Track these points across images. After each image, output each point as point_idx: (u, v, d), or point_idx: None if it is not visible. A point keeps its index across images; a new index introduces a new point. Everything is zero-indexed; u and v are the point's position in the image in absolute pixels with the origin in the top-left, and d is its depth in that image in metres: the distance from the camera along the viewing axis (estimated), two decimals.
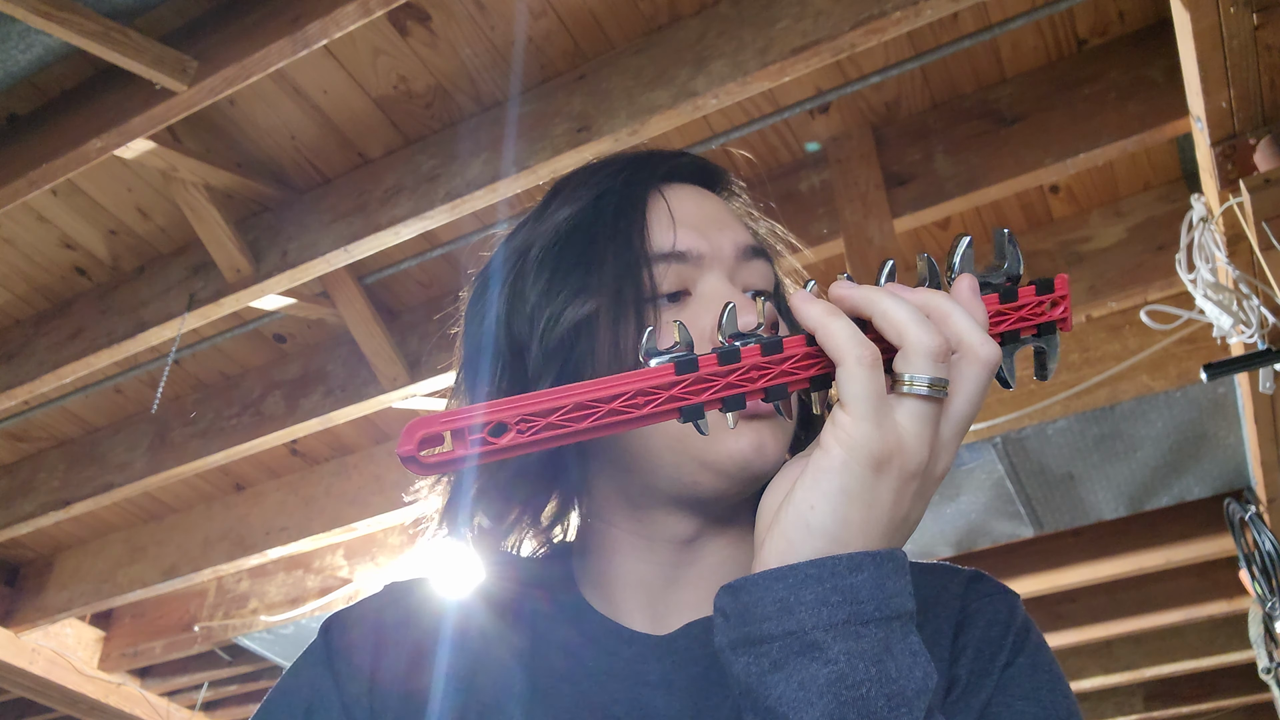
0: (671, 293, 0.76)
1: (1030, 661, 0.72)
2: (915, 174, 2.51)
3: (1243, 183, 1.96)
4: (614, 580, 0.79)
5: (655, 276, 0.75)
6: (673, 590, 0.77)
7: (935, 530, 3.40)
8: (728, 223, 0.81)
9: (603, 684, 0.73)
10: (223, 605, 3.96)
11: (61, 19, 2.00)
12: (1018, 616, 0.75)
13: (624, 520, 0.79)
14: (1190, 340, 2.72)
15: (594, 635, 0.76)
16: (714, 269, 0.77)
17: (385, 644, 0.77)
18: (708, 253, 0.77)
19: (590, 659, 0.75)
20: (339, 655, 0.77)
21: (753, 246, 0.80)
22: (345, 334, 3.01)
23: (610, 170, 0.82)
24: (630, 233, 0.77)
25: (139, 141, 2.30)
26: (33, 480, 3.52)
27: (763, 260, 0.80)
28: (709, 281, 0.77)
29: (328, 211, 2.61)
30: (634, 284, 0.75)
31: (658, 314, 0.75)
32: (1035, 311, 0.63)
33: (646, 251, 0.77)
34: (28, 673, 3.90)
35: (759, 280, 0.80)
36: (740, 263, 0.79)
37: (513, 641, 0.77)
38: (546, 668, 0.75)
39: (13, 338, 3.09)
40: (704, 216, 0.80)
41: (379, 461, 3.48)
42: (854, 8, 2.02)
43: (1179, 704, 5.09)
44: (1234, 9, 1.74)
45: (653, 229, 0.78)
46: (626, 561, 0.79)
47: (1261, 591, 2.81)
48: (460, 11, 2.32)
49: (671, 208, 0.80)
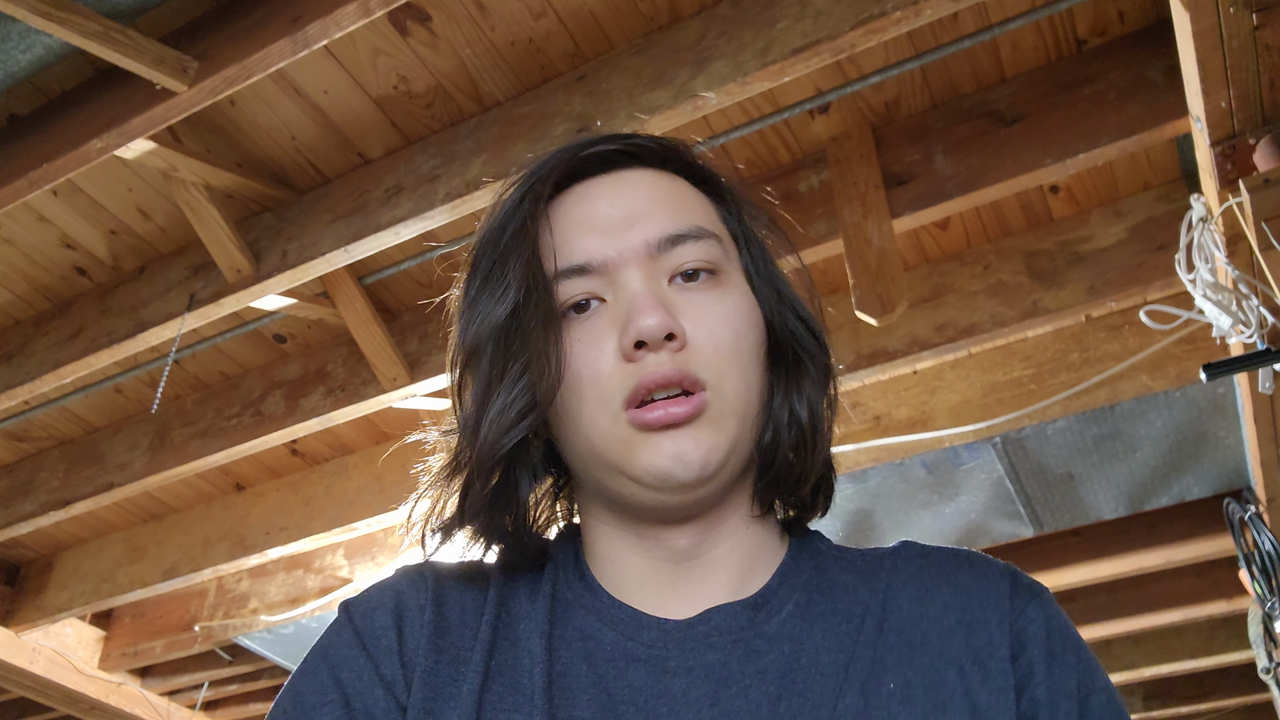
0: (578, 303, 0.76)
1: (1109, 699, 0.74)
2: (915, 174, 2.51)
3: (1242, 183, 1.96)
4: (620, 569, 0.78)
5: (561, 291, 0.75)
6: (679, 582, 0.77)
7: (935, 530, 3.41)
8: (643, 214, 0.78)
9: (621, 669, 0.72)
10: (223, 605, 3.97)
11: (61, 19, 2.00)
12: (1052, 617, 0.77)
13: (610, 518, 0.79)
14: (1190, 340, 2.72)
15: (611, 619, 0.75)
16: (627, 269, 0.76)
17: (407, 625, 0.76)
18: (614, 256, 0.76)
19: (609, 642, 0.74)
20: (369, 636, 0.75)
21: (674, 234, 0.77)
22: (345, 334, 3.01)
23: (520, 181, 0.82)
24: (523, 253, 0.77)
25: (139, 141, 2.30)
26: (33, 480, 3.53)
27: (693, 242, 0.77)
28: (619, 284, 0.75)
29: (328, 211, 2.62)
30: (535, 302, 0.75)
31: (559, 331, 0.75)
32: None
33: (541, 272, 0.76)
34: (28, 672, 3.90)
35: (693, 258, 0.77)
36: (662, 253, 0.76)
37: (532, 620, 0.76)
38: (565, 649, 0.74)
39: (13, 338, 3.09)
40: (609, 218, 0.78)
41: (379, 461, 3.48)
42: (854, 8, 2.02)
43: (1178, 704, 5.09)
44: (1234, 9, 1.74)
45: (549, 245, 0.77)
46: (627, 554, 0.78)
47: (1261, 591, 2.81)
48: (460, 11, 2.32)
49: (571, 217, 0.79)
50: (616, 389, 0.73)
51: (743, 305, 0.78)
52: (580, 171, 0.82)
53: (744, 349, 0.76)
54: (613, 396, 0.73)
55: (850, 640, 0.73)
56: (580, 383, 0.74)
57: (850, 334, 2.84)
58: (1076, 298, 2.63)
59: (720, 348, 0.74)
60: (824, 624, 0.74)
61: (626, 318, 0.73)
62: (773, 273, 0.84)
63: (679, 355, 0.73)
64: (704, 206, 0.83)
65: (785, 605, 0.75)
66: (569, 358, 0.74)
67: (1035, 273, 2.71)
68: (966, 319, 2.74)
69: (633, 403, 0.72)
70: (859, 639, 0.73)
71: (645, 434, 0.72)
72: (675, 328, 0.72)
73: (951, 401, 3.04)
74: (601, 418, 0.73)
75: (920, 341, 2.77)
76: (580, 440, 0.75)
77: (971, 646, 0.72)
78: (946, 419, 3.01)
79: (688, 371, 0.72)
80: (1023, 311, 2.68)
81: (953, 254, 2.84)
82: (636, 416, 0.72)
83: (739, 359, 0.75)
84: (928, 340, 2.76)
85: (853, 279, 2.44)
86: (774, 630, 0.73)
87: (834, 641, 0.73)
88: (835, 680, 0.70)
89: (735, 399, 0.74)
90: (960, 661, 0.71)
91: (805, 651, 0.72)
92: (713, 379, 0.73)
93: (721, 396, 0.73)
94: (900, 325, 2.78)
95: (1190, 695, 5.06)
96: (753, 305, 0.79)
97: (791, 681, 0.70)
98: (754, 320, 0.78)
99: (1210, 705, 5.07)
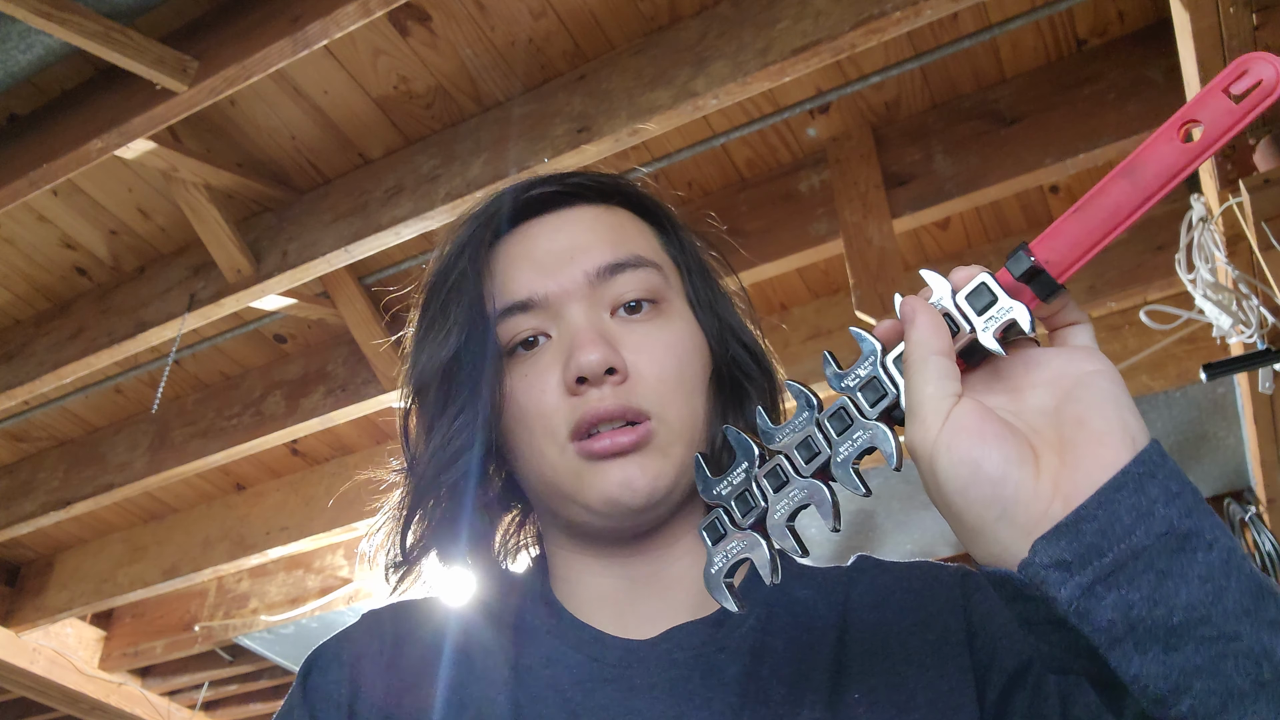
0: (526, 340, 0.77)
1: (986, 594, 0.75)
2: (915, 174, 2.51)
3: (1242, 183, 1.96)
4: (582, 592, 0.80)
5: (507, 329, 0.77)
6: (639, 601, 0.78)
7: (935, 530, 3.41)
8: (583, 246, 0.79)
9: (589, 691, 0.73)
10: (223, 605, 3.97)
11: (61, 19, 2.00)
12: (970, 585, 0.77)
13: (569, 543, 0.81)
14: (1190, 340, 2.72)
15: (577, 642, 0.77)
16: (569, 303, 0.77)
17: (364, 674, 0.77)
18: (555, 290, 0.77)
19: (576, 665, 0.75)
20: (319, 695, 0.77)
21: (612, 264, 0.78)
22: (345, 334, 3.01)
23: (464, 225, 0.84)
24: (467, 294, 0.79)
25: (139, 141, 2.30)
26: (33, 480, 3.53)
27: (632, 270, 0.78)
28: (563, 318, 0.77)
29: (328, 211, 2.62)
30: (476, 343, 0.77)
31: (499, 371, 0.77)
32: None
33: (482, 312, 0.78)
34: (28, 672, 3.90)
35: (633, 292, 0.78)
36: (602, 282, 0.78)
37: (501, 652, 0.77)
38: (533, 677, 0.75)
39: (13, 338, 3.09)
40: (549, 253, 0.79)
41: (379, 462, 3.47)
42: (854, 8, 2.02)
43: None
44: (1234, 9, 1.74)
45: (489, 286, 0.79)
46: (586, 576, 0.80)
47: None
48: (460, 11, 2.32)
49: (513, 255, 0.81)
50: (561, 422, 0.74)
51: (685, 333, 0.79)
52: (523, 214, 0.84)
53: (687, 376, 0.77)
54: (558, 429, 0.74)
55: (811, 651, 0.74)
56: (527, 416, 0.76)
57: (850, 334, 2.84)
58: (1076, 298, 2.60)
59: (664, 377, 0.76)
60: (785, 636, 0.75)
61: (568, 353, 0.74)
62: (716, 299, 0.85)
63: (621, 389, 0.74)
64: (645, 237, 0.84)
65: (746, 620, 0.76)
66: (514, 394, 0.76)
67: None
68: None
69: (578, 434, 0.74)
70: (820, 650, 0.74)
71: (593, 463, 0.74)
72: (616, 361, 0.74)
73: None
74: (550, 450, 0.75)
75: None
76: (532, 472, 0.78)
77: (927, 640, 0.73)
78: None
79: (630, 405, 0.74)
80: None
81: (953, 254, 2.84)
82: (584, 447, 0.74)
83: (682, 386, 0.77)
84: None
85: (853, 279, 2.45)
86: (735, 644, 0.75)
87: (795, 653, 0.74)
88: (797, 690, 0.71)
89: (680, 426, 0.76)
90: (920, 658, 0.72)
91: (766, 663, 0.73)
92: (656, 408, 0.75)
93: (666, 424, 0.75)
94: None
95: None
96: (695, 332, 0.81)
97: (754, 691, 0.71)
98: (697, 347, 0.80)
99: None
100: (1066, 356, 0.58)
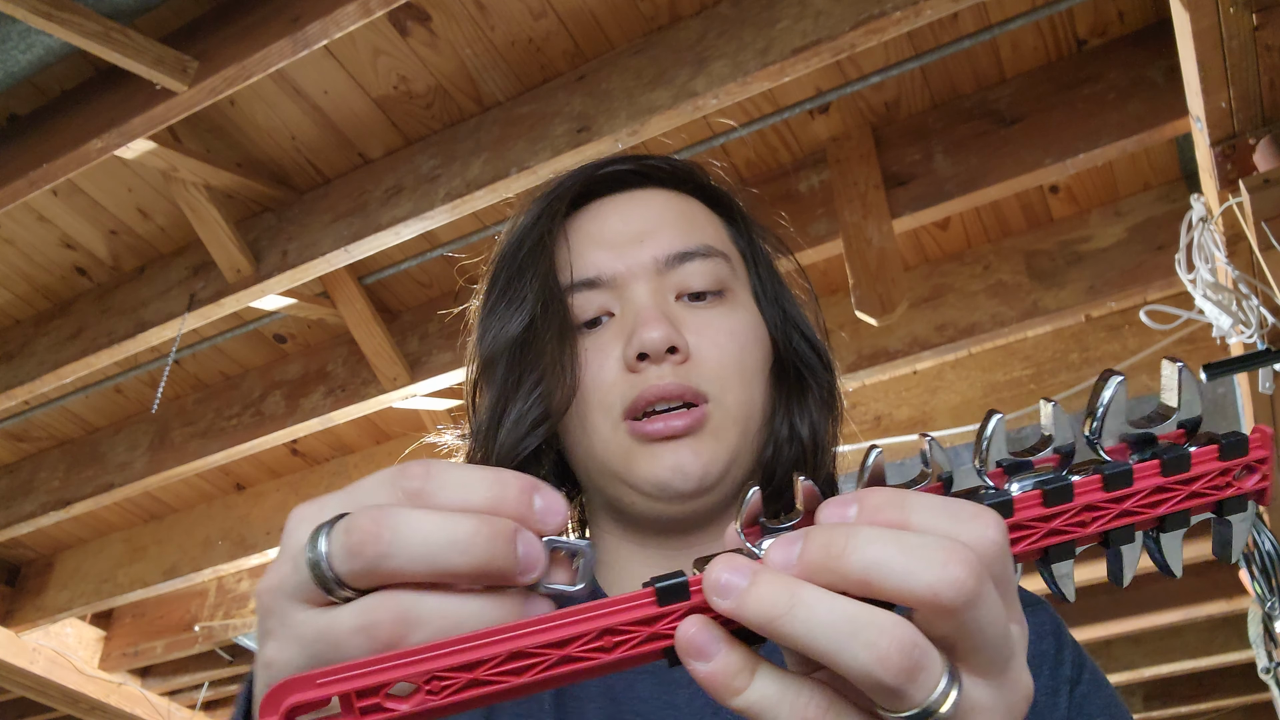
0: (590, 319, 0.77)
1: (1093, 678, 0.72)
2: (915, 174, 2.51)
3: (1242, 183, 1.96)
4: (625, 579, 0.79)
5: (574, 306, 0.77)
6: None
7: None
8: (653, 231, 0.79)
9: (630, 680, 0.73)
10: (223, 605, 3.97)
11: (61, 19, 2.00)
12: (1062, 627, 0.75)
13: (615, 528, 0.80)
14: (1190, 340, 2.72)
15: None
16: (635, 283, 0.77)
17: None
18: (623, 270, 0.77)
19: None
20: None
21: (682, 252, 0.78)
22: (345, 334, 3.01)
23: (537, 199, 0.84)
24: (539, 267, 0.79)
25: (139, 141, 2.30)
26: (33, 480, 3.53)
27: (701, 260, 0.78)
28: (627, 298, 0.77)
29: (328, 211, 2.62)
30: (550, 315, 0.76)
31: (574, 343, 0.76)
32: (1216, 483, 0.44)
33: (556, 285, 0.78)
34: (28, 672, 3.90)
35: (699, 281, 0.78)
36: (670, 269, 0.78)
37: None
38: None
39: (13, 338, 3.09)
40: (620, 234, 0.79)
41: (379, 462, 3.48)
42: (854, 8, 2.02)
43: (1178, 704, 5.09)
44: (1234, 9, 1.74)
45: (563, 259, 0.79)
46: (631, 563, 0.79)
47: (1261, 591, 2.81)
48: (460, 11, 2.32)
49: (584, 233, 0.80)
50: (617, 398, 0.74)
51: (748, 322, 0.79)
52: (595, 191, 0.84)
53: (748, 363, 0.77)
54: (613, 405, 0.74)
55: None
56: (585, 390, 0.76)
57: (850, 334, 2.84)
58: (1076, 298, 2.63)
59: (724, 361, 0.75)
60: None
61: (631, 329, 0.74)
62: (780, 293, 0.85)
63: (681, 369, 0.74)
64: (714, 226, 0.84)
65: None
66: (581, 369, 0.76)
67: (1035, 273, 2.71)
68: (967, 319, 2.74)
69: (632, 414, 0.73)
70: None
71: (645, 444, 0.73)
72: (678, 341, 0.74)
73: (952, 401, 3.04)
74: (603, 425, 0.75)
75: (920, 341, 2.77)
76: (583, 448, 0.77)
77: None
78: (947, 419, 3.01)
79: (689, 385, 0.73)
80: (1023, 311, 2.68)
81: (953, 254, 2.84)
82: (636, 428, 0.73)
83: (742, 372, 0.76)
84: (928, 340, 2.76)
85: (853, 279, 2.45)
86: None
87: None
88: None
89: (737, 411, 0.75)
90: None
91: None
92: (715, 391, 0.74)
93: (723, 408, 0.74)
94: (900, 325, 2.78)
95: (1190, 695, 5.06)
96: (758, 323, 0.81)
97: None
98: (759, 337, 0.80)
99: (1210, 705, 5.08)
100: None
